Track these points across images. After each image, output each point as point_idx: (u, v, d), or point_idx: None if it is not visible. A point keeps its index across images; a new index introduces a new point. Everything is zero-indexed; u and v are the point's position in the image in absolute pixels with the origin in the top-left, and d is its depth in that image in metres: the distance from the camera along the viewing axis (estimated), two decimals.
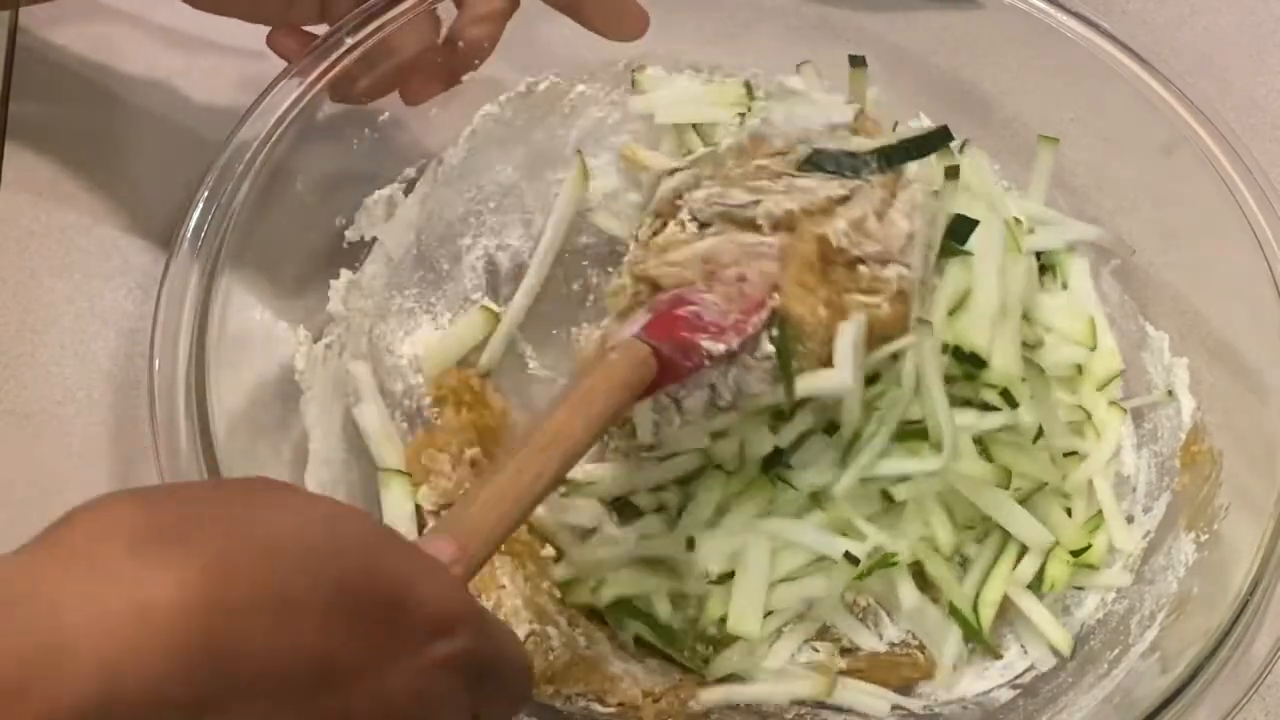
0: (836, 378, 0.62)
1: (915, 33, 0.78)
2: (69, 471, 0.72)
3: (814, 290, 0.63)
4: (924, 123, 0.79)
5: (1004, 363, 0.66)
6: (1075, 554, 0.69)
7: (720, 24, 0.79)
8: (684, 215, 0.66)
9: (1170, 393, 0.72)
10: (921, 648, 0.69)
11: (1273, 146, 0.82)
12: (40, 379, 0.74)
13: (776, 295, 0.62)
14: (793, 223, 0.63)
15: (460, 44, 0.72)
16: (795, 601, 0.68)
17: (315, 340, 0.70)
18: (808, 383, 0.63)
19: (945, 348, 0.66)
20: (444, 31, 0.73)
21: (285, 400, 0.68)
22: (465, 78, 0.74)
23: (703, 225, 0.66)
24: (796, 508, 0.68)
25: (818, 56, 0.78)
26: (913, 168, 0.67)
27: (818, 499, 0.67)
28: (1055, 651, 0.69)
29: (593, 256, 0.79)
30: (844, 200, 0.64)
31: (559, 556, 0.69)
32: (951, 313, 0.67)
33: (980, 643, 0.69)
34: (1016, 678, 0.69)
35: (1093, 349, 0.73)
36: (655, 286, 0.64)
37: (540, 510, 0.70)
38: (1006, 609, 0.70)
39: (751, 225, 0.64)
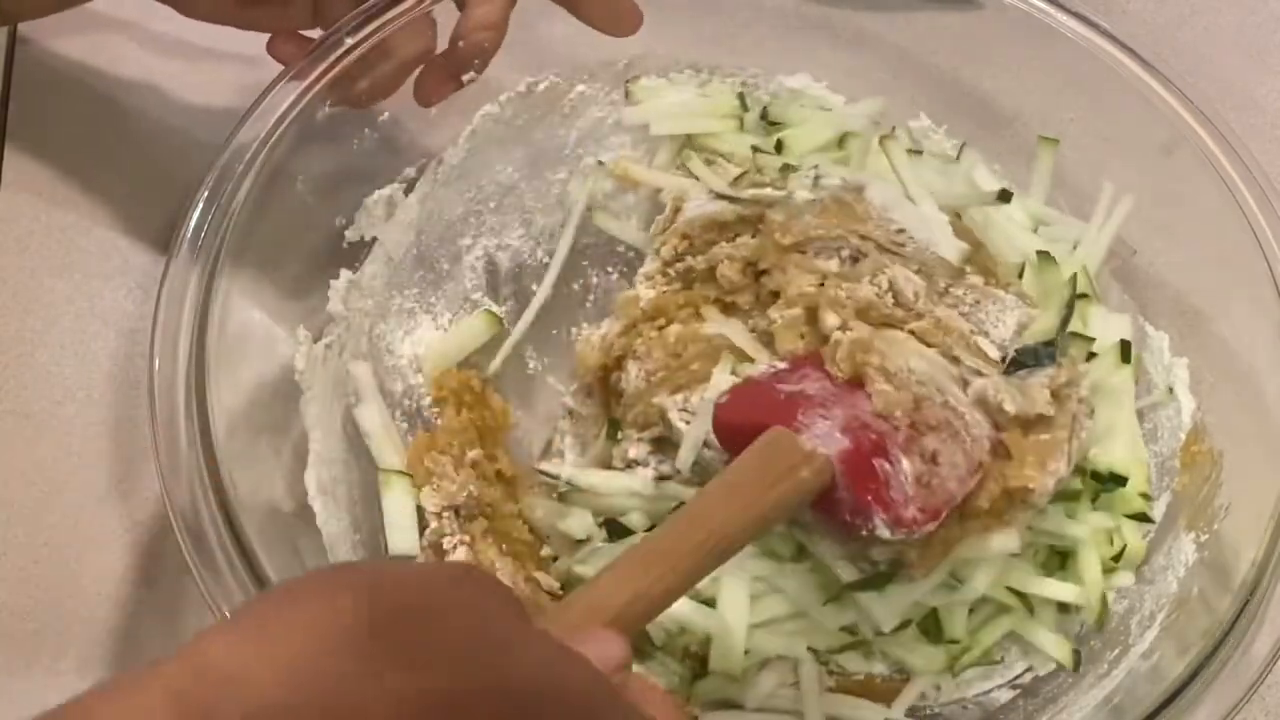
0: (879, 618, 0.63)
1: (915, 33, 0.78)
2: (69, 471, 0.72)
3: (967, 533, 0.62)
4: (924, 123, 0.79)
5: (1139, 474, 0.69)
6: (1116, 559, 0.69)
7: (720, 24, 0.79)
8: (880, 282, 0.65)
9: (1171, 390, 0.72)
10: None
11: (1273, 146, 0.82)
12: (40, 379, 0.74)
13: (945, 518, 0.61)
14: (1002, 423, 0.62)
15: (461, 45, 0.72)
16: (774, 648, 0.66)
17: (315, 340, 0.70)
18: (865, 597, 0.63)
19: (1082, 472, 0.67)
20: (439, 36, 0.73)
21: (285, 400, 0.68)
22: (466, 78, 0.74)
23: (899, 303, 0.65)
24: (792, 551, 0.67)
25: (818, 56, 0.78)
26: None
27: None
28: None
29: (593, 256, 0.79)
30: (1047, 422, 0.63)
31: (556, 557, 0.70)
32: None
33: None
34: (1016, 678, 0.69)
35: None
36: (856, 370, 0.62)
37: (539, 511, 0.70)
38: None
39: (960, 380, 0.63)
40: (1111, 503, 0.68)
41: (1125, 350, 0.70)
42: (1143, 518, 0.69)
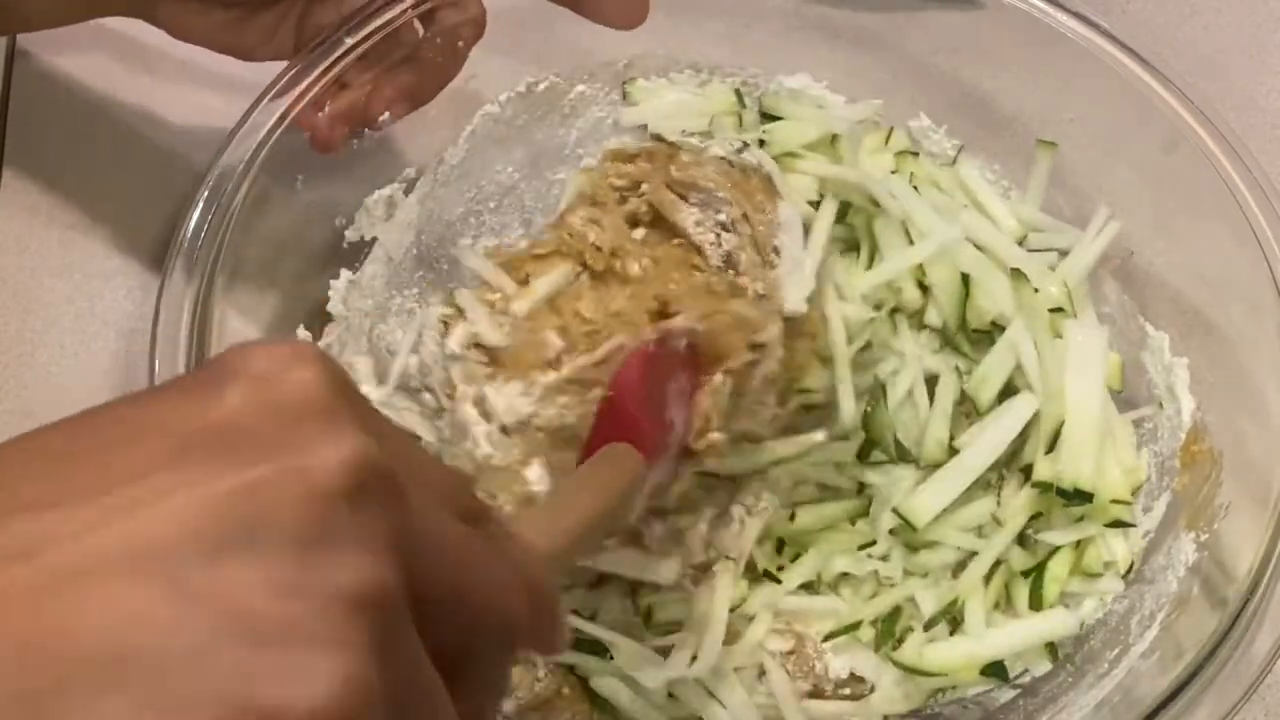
0: None
1: (915, 33, 0.78)
2: None
3: None
4: (924, 123, 0.79)
5: (1112, 484, 0.69)
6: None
7: (720, 24, 0.79)
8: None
9: (1161, 405, 0.72)
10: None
11: (1273, 146, 0.82)
12: (40, 379, 0.74)
13: None
14: None
15: (439, 40, 0.72)
16: None
17: (315, 340, 0.70)
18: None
19: (1047, 487, 0.68)
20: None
21: None
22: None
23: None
24: None
25: (818, 56, 0.78)
26: None
27: None
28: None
29: None
30: None
31: None
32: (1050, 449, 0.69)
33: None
34: (1016, 678, 0.69)
35: (1120, 391, 0.73)
36: (707, 457, 0.63)
37: None
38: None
39: None
40: (1091, 512, 0.69)
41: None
42: (1120, 524, 0.69)
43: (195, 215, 0.66)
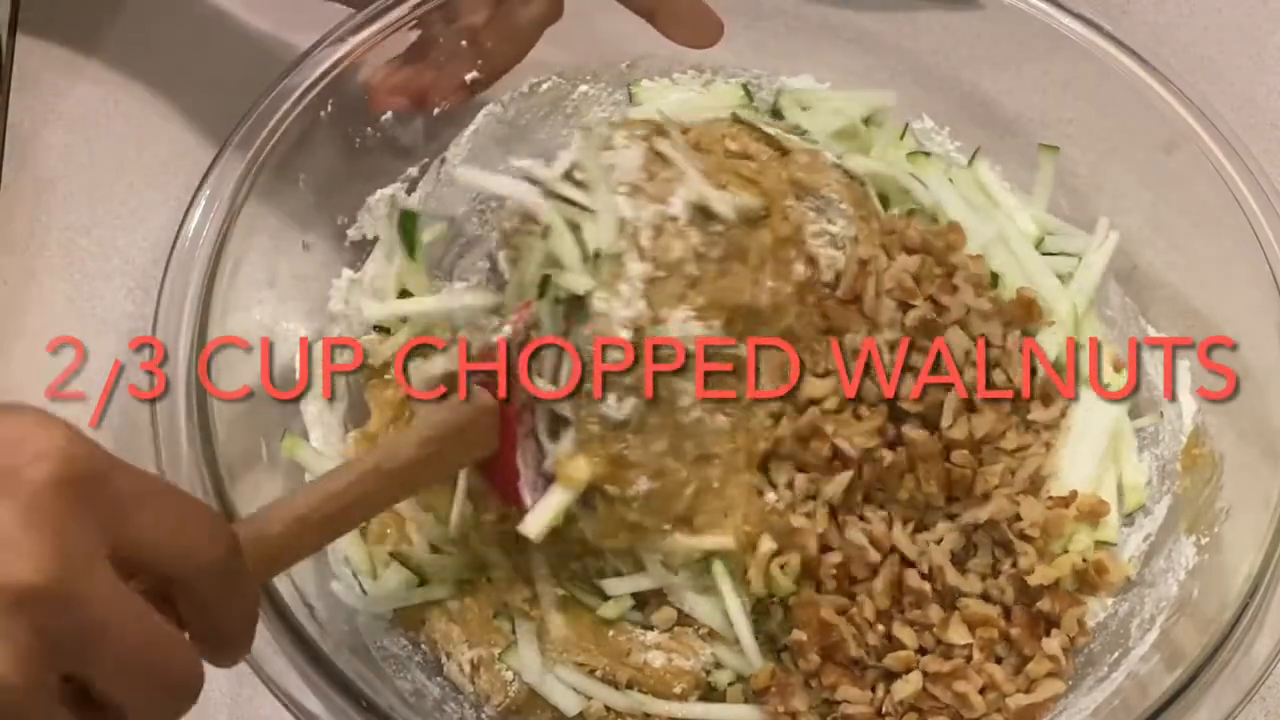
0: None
1: (915, 33, 0.78)
2: None
3: None
4: (927, 124, 0.79)
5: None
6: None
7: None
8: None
9: (1161, 414, 0.72)
10: None
11: (1273, 146, 0.82)
12: (40, 379, 0.74)
13: None
14: None
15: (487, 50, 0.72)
16: None
17: (315, 340, 0.70)
18: None
19: None
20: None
21: (285, 400, 0.68)
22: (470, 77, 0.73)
23: None
24: None
25: (819, 57, 0.78)
26: None
27: None
28: None
29: None
30: None
31: None
32: None
33: None
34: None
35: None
36: None
37: None
38: None
39: None
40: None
41: None
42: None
43: (196, 215, 0.66)
